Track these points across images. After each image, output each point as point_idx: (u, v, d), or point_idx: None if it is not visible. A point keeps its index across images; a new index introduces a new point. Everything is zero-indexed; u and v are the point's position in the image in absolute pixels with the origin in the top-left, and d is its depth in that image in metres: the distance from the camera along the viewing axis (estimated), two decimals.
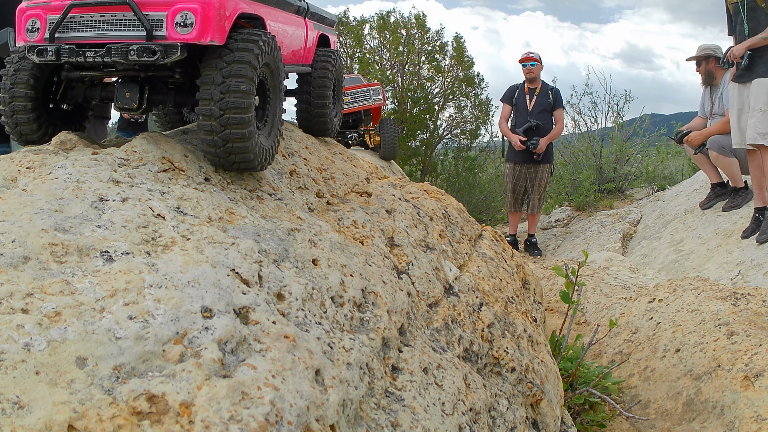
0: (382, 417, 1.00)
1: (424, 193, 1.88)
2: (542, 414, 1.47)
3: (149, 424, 0.72)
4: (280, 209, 1.33)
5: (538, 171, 5.75)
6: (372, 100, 7.39)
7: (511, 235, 6.15)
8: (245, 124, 1.31)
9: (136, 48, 1.27)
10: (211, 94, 1.30)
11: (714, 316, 2.02)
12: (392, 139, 7.11)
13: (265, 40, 1.39)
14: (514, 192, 5.94)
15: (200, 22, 1.28)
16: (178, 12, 1.29)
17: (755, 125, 4.31)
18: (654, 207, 6.49)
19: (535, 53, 5.81)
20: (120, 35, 1.33)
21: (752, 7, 4.38)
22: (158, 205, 1.11)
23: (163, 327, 0.83)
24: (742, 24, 4.42)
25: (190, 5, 1.29)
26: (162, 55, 1.26)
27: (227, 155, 1.31)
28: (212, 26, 1.29)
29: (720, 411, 1.67)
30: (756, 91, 4.35)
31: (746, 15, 4.39)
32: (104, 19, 1.35)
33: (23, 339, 0.74)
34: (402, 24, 11.19)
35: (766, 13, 4.28)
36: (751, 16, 4.40)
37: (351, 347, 1.04)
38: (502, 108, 6.03)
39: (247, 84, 1.32)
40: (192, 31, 1.28)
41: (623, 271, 3.21)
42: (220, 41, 1.31)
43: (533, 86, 5.81)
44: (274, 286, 1.05)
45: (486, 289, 1.58)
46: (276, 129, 1.47)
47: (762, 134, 4.27)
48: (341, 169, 1.70)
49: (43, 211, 0.98)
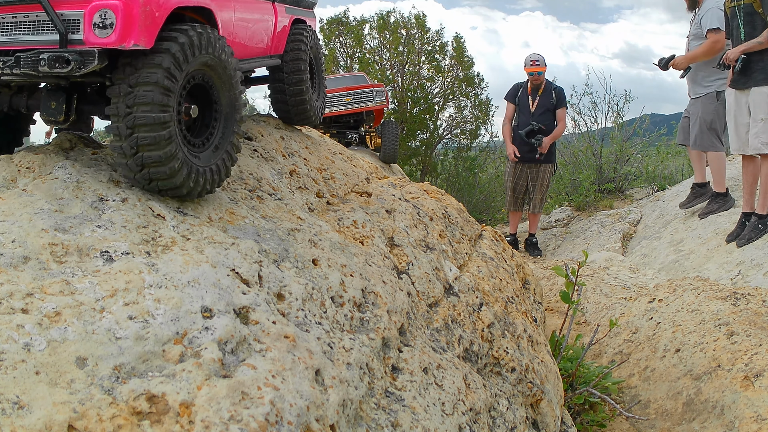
0: (382, 417, 1.00)
1: (424, 193, 1.88)
2: (542, 414, 1.47)
3: (149, 424, 0.72)
4: (280, 209, 1.33)
5: (540, 170, 5.72)
6: (375, 102, 7.33)
7: (511, 235, 6.12)
8: (160, 145, 1.05)
9: (47, 57, 1.06)
10: (117, 109, 1.07)
11: (714, 316, 2.02)
12: (393, 142, 7.02)
13: (195, 36, 1.15)
14: (515, 191, 5.91)
15: (121, 23, 1.06)
16: (96, 10, 1.07)
17: (758, 134, 4.34)
18: (654, 207, 6.49)
19: (540, 58, 5.76)
20: (33, 40, 1.12)
21: (749, 12, 4.39)
22: (158, 205, 1.11)
23: (163, 327, 0.83)
24: (738, 28, 4.44)
25: (110, 1, 1.07)
26: (77, 65, 1.04)
27: (147, 182, 1.10)
28: (136, 27, 1.07)
29: (720, 411, 1.67)
30: (756, 101, 4.38)
31: (743, 19, 4.41)
32: (16, 21, 1.14)
33: (23, 339, 0.74)
34: (402, 24, 11.20)
35: (762, 18, 4.29)
36: (747, 21, 4.41)
37: (351, 347, 1.04)
38: (506, 107, 6.00)
39: (159, 93, 1.07)
40: (112, 34, 1.07)
41: (623, 271, 3.21)
42: (147, 44, 1.09)
43: (536, 86, 5.80)
44: (274, 286, 1.05)
45: (486, 289, 1.58)
46: (228, 145, 1.24)
47: (765, 143, 4.29)
48: (341, 169, 1.70)
49: (43, 211, 0.98)
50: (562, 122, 5.90)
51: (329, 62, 11.07)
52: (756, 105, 4.35)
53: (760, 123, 4.28)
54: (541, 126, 5.59)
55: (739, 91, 4.49)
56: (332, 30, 11.46)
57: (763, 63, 4.35)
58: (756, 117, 4.33)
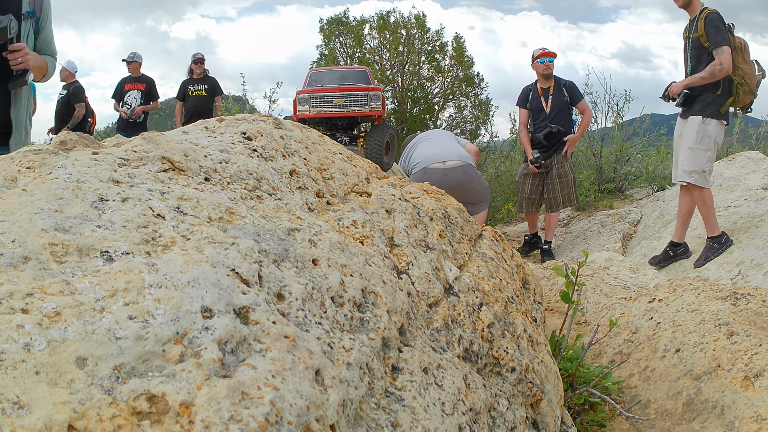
0: (382, 417, 1.00)
1: (424, 193, 1.88)
2: (542, 414, 1.47)
3: (149, 424, 0.72)
4: (279, 209, 1.33)
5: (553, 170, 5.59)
6: (369, 107, 7.03)
7: (531, 235, 5.99)
8: None
9: None
10: None
11: (714, 316, 2.02)
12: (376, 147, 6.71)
13: None
14: (525, 192, 5.81)
15: None
16: None
17: (683, 163, 4.41)
18: (654, 207, 6.49)
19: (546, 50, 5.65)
20: None
21: (696, 46, 4.41)
22: (158, 205, 1.11)
23: (163, 327, 0.83)
24: (687, 61, 4.47)
25: None
26: None
27: None
28: None
29: (720, 411, 1.67)
30: (688, 130, 4.45)
31: (690, 53, 4.44)
32: None
33: (23, 339, 0.74)
34: (402, 24, 11.20)
35: (708, 52, 4.31)
36: (694, 55, 4.44)
37: (351, 347, 1.04)
38: (519, 113, 5.87)
39: None
40: None
41: (623, 271, 3.21)
42: None
43: (546, 85, 5.60)
44: (274, 286, 1.05)
45: (486, 289, 1.58)
46: None
47: (688, 172, 4.37)
48: (341, 169, 1.70)
49: (43, 211, 0.98)
50: (588, 112, 5.75)
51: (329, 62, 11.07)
52: (687, 134, 4.44)
53: (686, 151, 4.36)
54: (560, 128, 5.49)
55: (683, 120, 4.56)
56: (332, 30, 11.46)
57: (703, 96, 4.41)
58: (685, 145, 4.41)
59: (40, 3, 2.68)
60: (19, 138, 2.70)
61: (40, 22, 2.70)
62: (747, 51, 4.20)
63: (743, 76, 4.11)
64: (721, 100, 4.17)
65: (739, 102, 4.21)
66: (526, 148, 5.56)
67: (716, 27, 4.07)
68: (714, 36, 4.06)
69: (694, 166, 4.16)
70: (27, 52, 2.53)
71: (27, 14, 2.62)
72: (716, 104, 4.17)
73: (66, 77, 8.15)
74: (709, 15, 4.13)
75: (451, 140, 4.85)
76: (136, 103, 7.94)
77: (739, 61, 4.10)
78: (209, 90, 8.44)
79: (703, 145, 4.15)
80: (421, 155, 4.61)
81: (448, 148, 4.62)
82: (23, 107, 2.71)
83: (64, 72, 8.11)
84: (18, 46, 2.49)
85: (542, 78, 5.44)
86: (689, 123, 4.28)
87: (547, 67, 5.38)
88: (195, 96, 8.42)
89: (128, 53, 8.27)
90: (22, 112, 2.70)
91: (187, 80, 8.58)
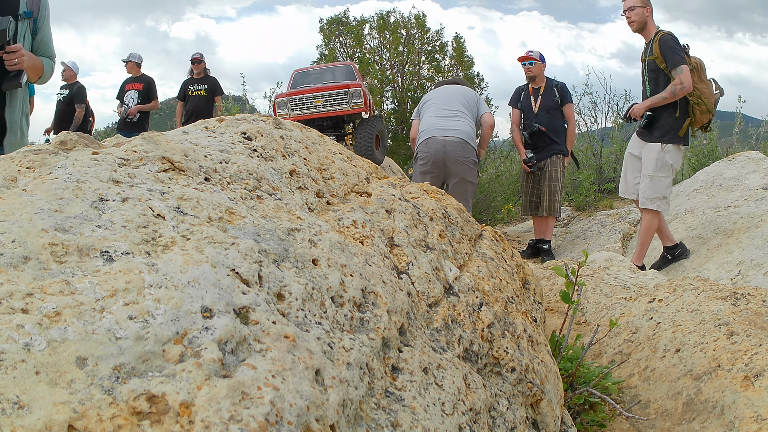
0: (382, 417, 1.00)
1: (424, 193, 1.88)
2: (542, 414, 1.47)
3: (149, 424, 0.72)
4: (279, 209, 1.33)
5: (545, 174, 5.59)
6: (350, 105, 6.82)
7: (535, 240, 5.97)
8: None
9: None
10: None
11: (714, 316, 2.02)
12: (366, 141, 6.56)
13: None
14: (525, 194, 5.81)
15: None
16: None
17: (644, 190, 4.49)
18: None
19: (535, 52, 5.67)
20: None
21: (652, 69, 4.42)
22: (158, 205, 1.11)
23: (163, 327, 0.83)
24: (644, 85, 4.49)
25: None
26: None
27: None
28: None
29: (720, 411, 1.67)
30: (647, 157, 4.50)
31: (647, 76, 4.45)
32: None
33: (23, 339, 0.74)
34: (402, 24, 11.20)
35: (665, 73, 4.32)
36: (651, 78, 4.46)
37: (351, 347, 1.04)
38: (512, 113, 5.91)
39: None
40: None
41: (623, 271, 3.21)
42: None
43: (537, 86, 5.67)
44: (274, 286, 1.05)
45: (486, 289, 1.58)
46: None
47: (650, 199, 4.43)
48: (341, 168, 1.70)
49: (43, 211, 0.98)
50: (571, 121, 5.79)
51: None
52: (647, 161, 4.49)
53: (647, 179, 4.41)
54: (541, 127, 5.51)
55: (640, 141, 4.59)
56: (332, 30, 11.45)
57: (662, 121, 4.44)
58: (645, 172, 4.47)
59: (37, 3, 2.67)
60: (14, 138, 2.69)
61: (37, 22, 2.69)
62: (703, 70, 4.19)
63: (700, 96, 4.11)
64: (680, 122, 4.20)
65: (696, 122, 4.22)
66: (518, 148, 5.61)
67: (671, 48, 4.08)
68: (671, 57, 4.06)
69: (655, 193, 4.27)
70: (23, 54, 2.51)
71: (24, 14, 2.60)
72: (674, 129, 4.21)
73: (69, 77, 8.17)
74: (663, 37, 4.13)
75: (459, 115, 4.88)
76: (133, 103, 7.96)
77: (695, 80, 4.10)
78: (209, 90, 8.44)
79: (662, 172, 4.25)
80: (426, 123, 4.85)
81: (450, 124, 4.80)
82: (18, 107, 2.70)
83: (68, 72, 8.14)
84: (14, 47, 2.48)
85: (528, 79, 5.51)
86: (649, 149, 4.33)
87: (528, 69, 5.45)
88: (195, 96, 8.42)
89: (128, 53, 8.29)
90: (17, 113, 2.70)
91: (188, 80, 8.58)
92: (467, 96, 5.00)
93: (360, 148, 6.34)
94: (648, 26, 4.26)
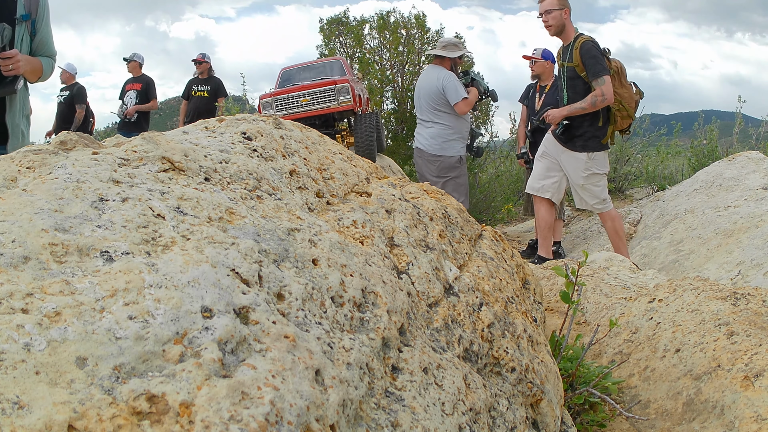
0: (382, 417, 1.00)
1: (424, 193, 1.88)
2: (542, 414, 1.47)
3: (149, 424, 0.72)
4: (279, 209, 1.33)
5: None
6: (338, 102, 6.65)
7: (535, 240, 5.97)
8: None
9: None
10: None
11: (714, 316, 2.02)
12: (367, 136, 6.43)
13: None
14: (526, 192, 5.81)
15: None
16: None
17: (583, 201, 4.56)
18: (654, 207, 6.48)
19: (539, 50, 5.69)
20: None
21: (571, 76, 4.33)
22: (158, 205, 1.11)
23: (163, 327, 0.83)
24: (562, 90, 4.42)
25: None
26: None
27: None
28: None
29: (720, 411, 1.67)
30: (572, 166, 4.47)
31: (566, 82, 4.38)
32: None
33: (23, 339, 0.74)
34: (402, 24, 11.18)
35: (584, 81, 4.25)
36: (570, 85, 4.37)
37: (351, 347, 1.04)
38: (521, 110, 5.98)
39: None
40: None
41: (623, 271, 3.21)
42: None
43: (543, 83, 5.70)
44: (274, 286, 1.05)
45: (486, 289, 1.58)
46: None
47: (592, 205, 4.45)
48: (341, 168, 1.70)
49: (43, 211, 0.98)
50: None
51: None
52: (573, 169, 4.47)
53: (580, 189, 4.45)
54: (539, 123, 5.53)
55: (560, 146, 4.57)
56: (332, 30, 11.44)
57: (583, 130, 4.39)
58: (575, 182, 4.45)
59: (36, 4, 2.66)
60: (16, 142, 2.70)
61: (36, 23, 2.68)
62: (624, 74, 4.11)
63: (620, 101, 4.05)
64: (603, 131, 4.15)
65: (617, 126, 4.20)
66: (518, 143, 5.67)
67: (593, 57, 3.96)
68: (593, 67, 3.95)
69: (593, 198, 4.29)
70: (18, 60, 2.50)
71: (21, 17, 2.58)
72: (598, 137, 4.17)
73: (66, 79, 8.17)
74: (584, 44, 4.01)
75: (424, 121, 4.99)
76: (132, 103, 7.96)
77: (616, 86, 4.03)
78: (211, 92, 8.41)
79: (594, 180, 4.25)
80: None
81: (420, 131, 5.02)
82: (19, 111, 2.70)
83: (64, 74, 8.14)
84: (10, 53, 2.46)
85: (533, 78, 5.60)
86: (573, 157, 4.29)
87: (531, 68, 5.54)
88: (197, 97, 8.41)
89: (131, 53, 8.30)
90: (17, 117, 2.70)
91: (193, 80, 8.57)
92: (431, 94, 4.84)
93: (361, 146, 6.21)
94: (567, 29, 4.12)
